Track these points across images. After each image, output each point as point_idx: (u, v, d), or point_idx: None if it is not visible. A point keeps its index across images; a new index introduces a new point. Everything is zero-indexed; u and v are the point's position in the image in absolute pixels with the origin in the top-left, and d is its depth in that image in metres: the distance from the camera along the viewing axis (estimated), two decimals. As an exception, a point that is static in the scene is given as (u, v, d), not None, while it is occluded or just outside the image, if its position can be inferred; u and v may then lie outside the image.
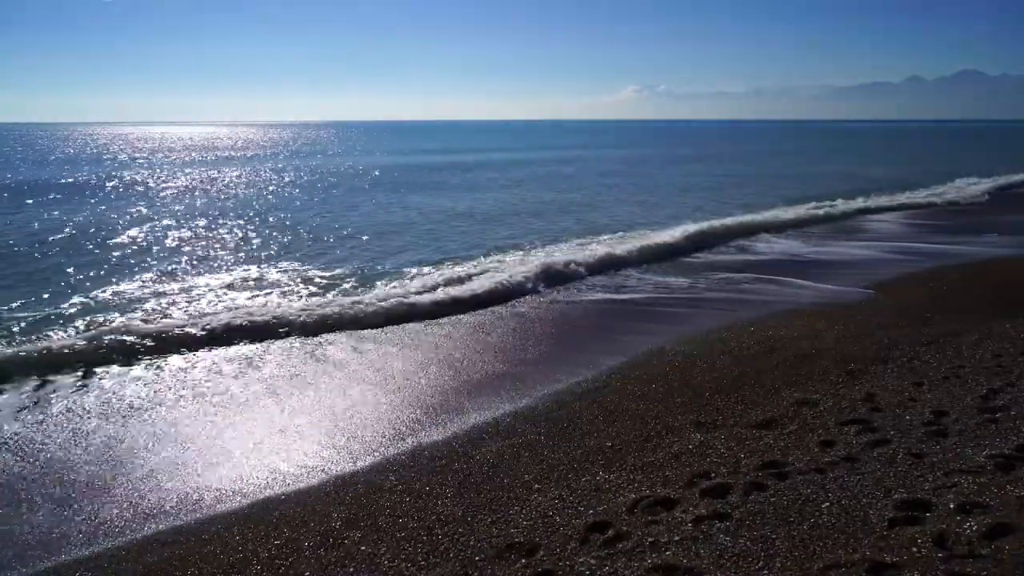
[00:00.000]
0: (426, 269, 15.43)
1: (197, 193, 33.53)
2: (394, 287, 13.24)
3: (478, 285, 12.69)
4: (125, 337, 9.63)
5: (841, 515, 4.41)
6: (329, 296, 12.64)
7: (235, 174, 45.62)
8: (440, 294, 12.27)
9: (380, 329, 10.77)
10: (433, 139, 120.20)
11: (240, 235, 20.57)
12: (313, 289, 13.59)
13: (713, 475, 5.31)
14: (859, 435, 5.78)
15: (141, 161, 59.62)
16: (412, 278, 14.17)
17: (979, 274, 13.49)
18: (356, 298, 12.05)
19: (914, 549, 3.90)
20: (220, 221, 23.52)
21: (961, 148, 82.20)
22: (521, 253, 17.23)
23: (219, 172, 47.50)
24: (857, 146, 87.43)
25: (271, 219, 23.83)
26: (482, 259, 16.45)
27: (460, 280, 13.46)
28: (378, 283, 13.94)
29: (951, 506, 4.33)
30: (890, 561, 3.82)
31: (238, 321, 10.40)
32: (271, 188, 35.98)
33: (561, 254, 16.32)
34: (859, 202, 26.23)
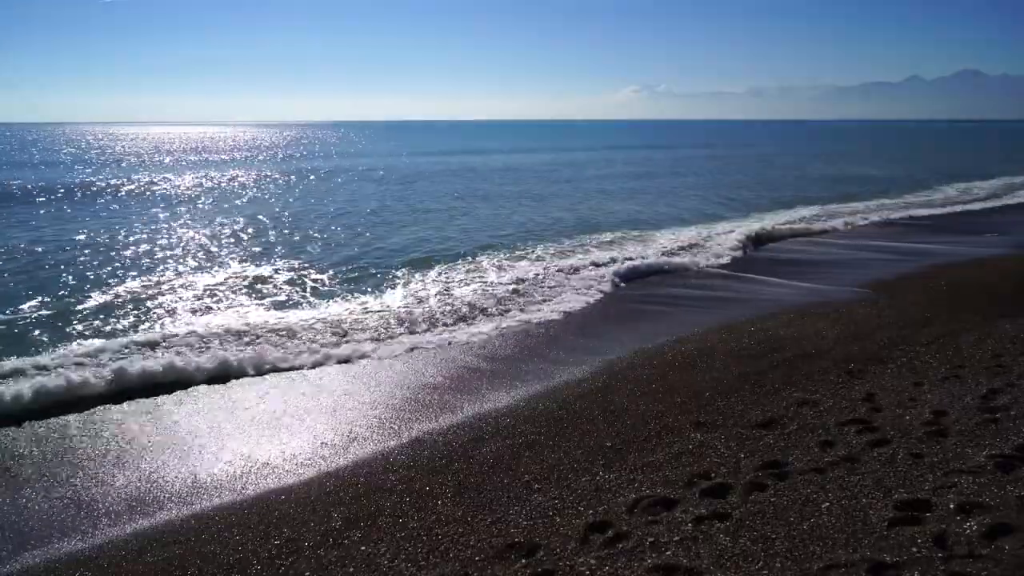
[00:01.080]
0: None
1: (233, 197, 33.44)
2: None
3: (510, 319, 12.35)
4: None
5: (841, 515, 4.41)
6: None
7: (270, 177, 44.26)
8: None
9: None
10: (440, 139, 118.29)
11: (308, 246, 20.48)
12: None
13: (713, 475, 5.31)
14: (859, 435, 5.78)
15: (158, 163, 58.74)
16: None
17: (978, 274, 13.48)
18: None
19: (914, 549, 3.90)
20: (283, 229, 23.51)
21: (966, 148, 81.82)
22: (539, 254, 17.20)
23: (253, 174, 46.57)
24: (869, 146, 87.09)
25: (327, 228, 23.77)
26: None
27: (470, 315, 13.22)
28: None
29: (951, 506, 4.33)
30: (890, 561, 3.82)
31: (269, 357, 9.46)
32: (306, 193, 35.76)
33: (590, 254, 16.61)
34: (875, 203, 26.38)
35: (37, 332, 10.69)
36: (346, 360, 9.39)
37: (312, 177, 42.79)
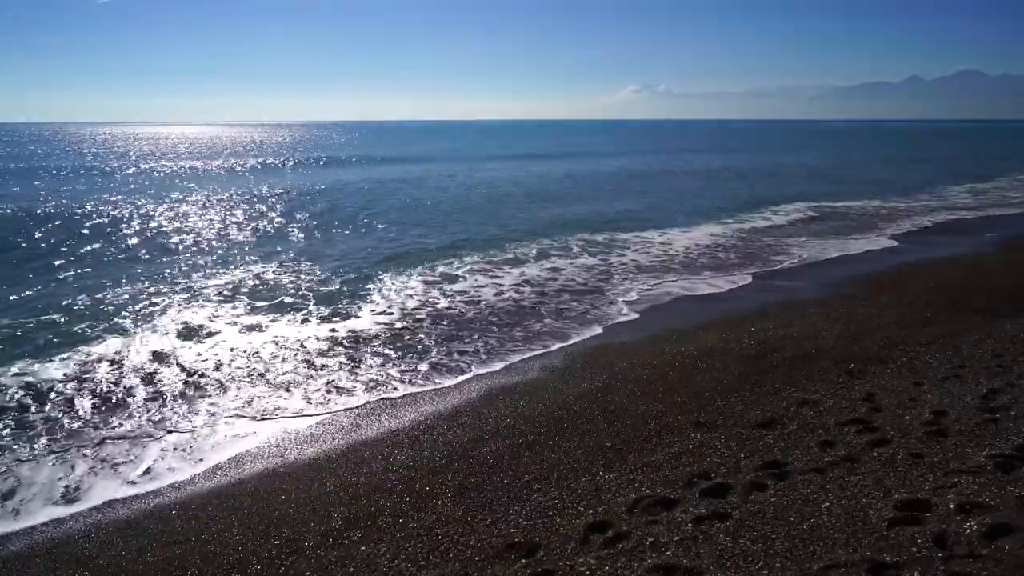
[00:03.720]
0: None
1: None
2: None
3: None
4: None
5: (841, 515, 4.41)
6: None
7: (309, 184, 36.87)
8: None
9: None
10: (454, 141, 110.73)
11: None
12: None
13: (713, 475, 5.31)
14: (859, 435, 5.79)
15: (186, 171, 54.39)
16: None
17: (977, 274, 13.48)
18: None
19: (914, 549, 3.90)
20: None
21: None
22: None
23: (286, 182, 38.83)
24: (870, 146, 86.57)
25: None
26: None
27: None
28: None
29: (951, 506, 4.33)
30: (890, 561, 3.81)
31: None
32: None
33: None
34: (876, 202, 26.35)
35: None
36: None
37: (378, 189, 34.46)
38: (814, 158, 60.99)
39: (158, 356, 9.46)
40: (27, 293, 13.09)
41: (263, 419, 7.50)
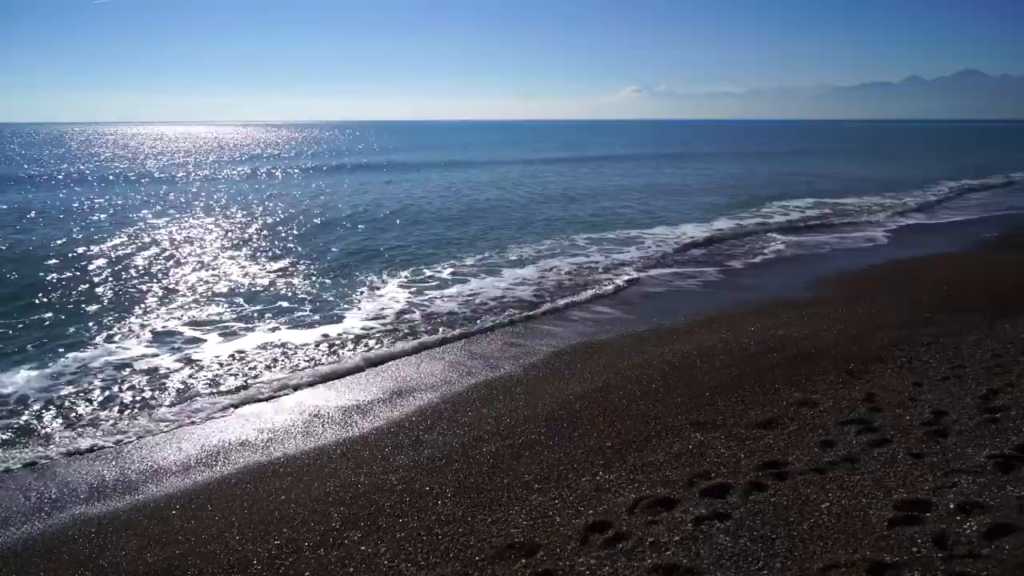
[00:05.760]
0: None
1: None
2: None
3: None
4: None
5: (841, 515, 4.41)
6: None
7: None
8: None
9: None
10: (455, 141, 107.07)
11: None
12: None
13: (713, 475, 5.31)
14: (859, 435, 5.79)
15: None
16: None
17: (977, 273, 13.47)
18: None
19: (914, 549, 3.90)
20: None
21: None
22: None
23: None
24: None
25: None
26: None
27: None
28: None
29: (951, 506, 4.33)
30: (890, 561, 3.82)
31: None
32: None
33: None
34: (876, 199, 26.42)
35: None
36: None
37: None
38: (815, 157, 61.05)
39: (145, 360, 9.45)
40: (21, 298, 13.09)
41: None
